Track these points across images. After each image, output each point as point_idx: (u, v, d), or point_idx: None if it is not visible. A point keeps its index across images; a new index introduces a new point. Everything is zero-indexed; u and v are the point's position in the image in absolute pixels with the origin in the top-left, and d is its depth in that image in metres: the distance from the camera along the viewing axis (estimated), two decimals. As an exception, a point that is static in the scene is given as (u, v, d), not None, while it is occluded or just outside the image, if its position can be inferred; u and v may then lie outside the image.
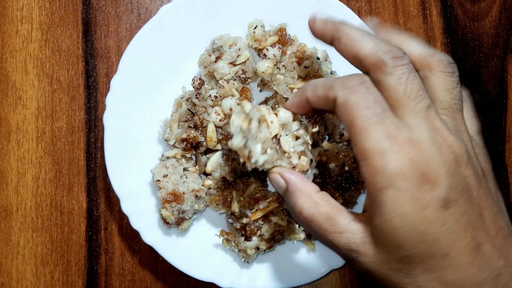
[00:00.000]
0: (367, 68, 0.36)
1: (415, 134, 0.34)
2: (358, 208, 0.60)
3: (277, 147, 0.40)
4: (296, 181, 0.39)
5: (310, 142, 0.42)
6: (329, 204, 0.38)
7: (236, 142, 0.40)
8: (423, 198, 0.33)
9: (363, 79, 0.35)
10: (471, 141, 0.37)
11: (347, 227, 0.37)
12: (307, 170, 0.41)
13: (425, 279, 0.34)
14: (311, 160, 0.42)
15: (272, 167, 0.40)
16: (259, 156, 0.40)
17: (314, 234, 0.39)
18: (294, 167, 0.40)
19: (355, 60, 0.37)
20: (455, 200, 0.33)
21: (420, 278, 0.34)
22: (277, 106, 0.58)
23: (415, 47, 0.38)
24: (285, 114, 0.41)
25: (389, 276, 0.35)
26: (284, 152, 0.41)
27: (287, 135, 0.41)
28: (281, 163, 0.40)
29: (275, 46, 0.58)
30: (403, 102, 0.35)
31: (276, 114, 0.41)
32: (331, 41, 0.39)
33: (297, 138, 0.41)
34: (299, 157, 0.41)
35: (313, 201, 0.38)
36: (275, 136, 0.41)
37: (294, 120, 0.42)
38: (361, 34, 0.37)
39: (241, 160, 0.41)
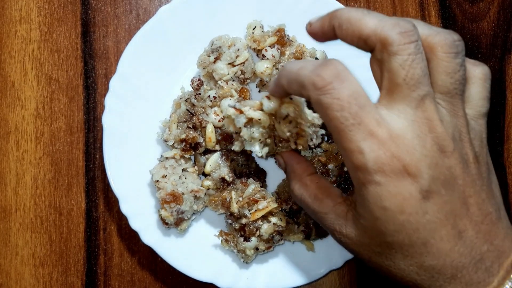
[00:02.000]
0: (372, 47, 0.35)
1: (398, 126, 0.34)
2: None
3: (274, 134, 0.42)
4: (291, 163, 0.42)
5: (304, 122, 0.40)
6: (318, 186, 0.40)
7: (237, 148, 0.45)
8: (404, 191, 0.33)
9: (336, 70, 0.33)
10: (467, 126, 0.36)
11: (333, 208, 0.39)
12: (307, 148, 0.42)
13: (405, 263, 0.35)
14: (312, 137, 0.41)
15: (277, 149, 0.43)
16: (260, 152, 0.43)
17: (306, 211, 0.42)
18: (296, 144, 0.42)
19: (360, 42, 0.35)
20: (437, 191, 0.34)
21: (400, 262, 0.35)
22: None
23: (419, 28, 0.36)
24: (268, 104, 0.40)
25: (371, 257, 0.37)
26: (282, 139, 0.41)
27: (279, 122, 0.40)
28: (283, 146, 0.43)
29: (274, 47, 0.58)
30: (400, 88, 0.34)
31: (261, 109, 0.40)
32: (334, 34, 0.37)
33: (290, 121, 0.40)
34: (296, 139, 0.41)
35: (302, 182, 0.41)
36: (269, 125, 0.41)
37: (281, 105, 0.40)
38: (361, 13, 0.35)
39: (248, 152, 0.45)
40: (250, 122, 0.41)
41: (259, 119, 0.40)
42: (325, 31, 0.38)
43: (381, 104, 0.35)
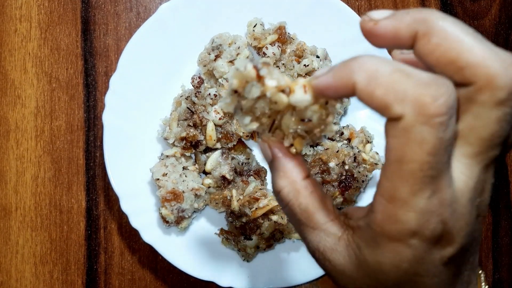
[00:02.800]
0: (468, 81, 0.26)
1: (459, 187, 0.28)
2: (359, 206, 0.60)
3: (275, 119, 0.32)
4: (282, 160, 0.33)
5: (319, 135, 0.32)
6: (311, 196, 0.32)
7: (225, 108, 0.32)
8: (429, 256, 0.29)
9: (451, 103, 0.24)
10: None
11: (323, 226, 0.32)
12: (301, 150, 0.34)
13: None
14: (313, 141, 0.33)
15: (268, 134, 0.33)
16: (246, 126, 0.32)
17: (287, 217, 0.35)
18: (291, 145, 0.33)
19: (451, 68, 0.26)
20: (458, 258, 0.30)
21: None
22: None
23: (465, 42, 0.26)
24: (301, 100, 0.29)
25: None
26: (279, 128, 0.32)
27: (291, 114, 0.31)
28: (277, 134, 0.32)
29: (274, 45, 0.58)
30: (481, 144, 0.27)
31: (288, 93, 0.30)
32: (410, 41, 0.27)
33: (304, 122, 0.31)
34: (295, 139, 0.32)
35: (294, 187, 0.32)
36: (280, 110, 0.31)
37: (312, 104, 0.30)
38: (461, 28, 0.26)
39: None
40: (262, 96, 0.30)
41: (276, 102, 0.30)
42: (399, 35, 0.28)
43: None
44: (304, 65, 0.56)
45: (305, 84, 0.29)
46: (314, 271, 0.59)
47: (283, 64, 0.58)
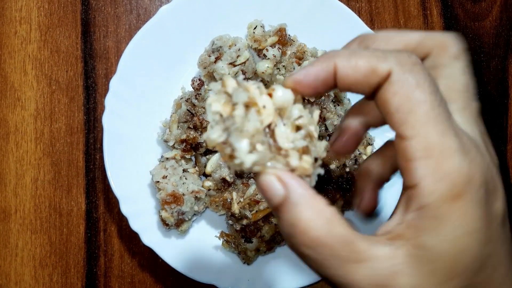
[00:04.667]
0: (424, 54, 0.31)
1: (473, 137, 0.29)
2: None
3: (271, 141, 0.29)
4: (300, 189, 0.27)
5: (316, 134, 0.30)
6: (345, 223, 0.27)
7: (213, 136, 0.28)
8: (491, 212, 0.27)
9: (416, 59, 0.28)
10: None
11: (371, 252, 0.26)
12: (310, 175, 0.29)
13: None
14: (316, 159, 0.30)
15: (263, 169, 0.29)
16: (245, 156, 0.28)
17: (318, 266, 0.27)
18: (292, 170, 0.29)
19: (407, 48, 0.31)
20: (507, 215, 0.29)
21: None
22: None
23: (408, 35, 0.32)
24: (284, 94, 0.29)
25: None
26: (280, 149, 0.29)
27: (284, 124, 0.29)
28: (275, 165, 0.29)
29: (275, 47, 0.57)
30: (462, 96, 0.30)
31: (270, 95, 0.29)
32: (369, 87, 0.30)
33: (298, 128, 0.29)
34: (300, 156, 0.29)
35: (325, 218, 0.26)
36: (269, 125, 0.29)
37: (295, 102, 0.30)
38: (397, 31, 0.32)
39: (222, 159, 0.30)
40: (248, 107, 0.29)
41: (264, 106, 0.28)
42: (337, 70, 0.29)
43: None
44: (305, 67, 0.56)
45: (282, 83, 0.31)
46: (314, 274, 0.58)
47: (284, 66, 0.58)
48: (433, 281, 0.26)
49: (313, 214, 0.27)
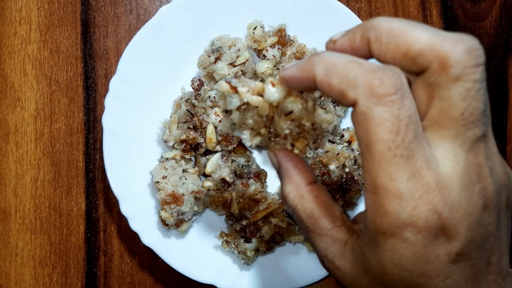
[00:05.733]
0: (423, 67, 0.27)
1: (447, 172, 0.27)
2: (360, 209, 0.59)
3: (271, 125, 0.34)
4: (287, 166, 0.33)
5: (309, 123, 0.33)
6: (316, 200, 0.33)
7: (224, 129, 0.35)
8: (432, 253, 0.28)
9: (399, 84, 0.26)
10: (500, 165, 0.30)
11: (329, 232, 0.32)
12: (305, 153, 0.35)
13: None
14: (314, 141, 0.34)
15: (268, 145, 0.35)
16: (249, 141, 0.34)
17: (297, 224, 0.35)
18: (293, 146, 0.34)
19: (406, 60, 0.28)
20: (468, 255, 0.28)
21: None
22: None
23: (418, 31, 0.28)
24: (272, 94, 0.32)
25: None
26: (278, 134, 0.34)
27: (279, 116, 0.33)
28: (276, 143, 0.34)
29: (274, 47, 0.57)
30: (455, 124, 0.27)
31: (261, 94, 0.33)
32: (368, 50, 0.29)
33: (292, 119, 0.33)
34: (295, 140, 0.34)
35: (299, 193, 0.33)
36: (267, 114, 0.33)
37: (287, 97, 0.32)
38: (406, 23, 0.28)
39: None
40: (245, 105, 0.33)
41: (257, 106, 0.32)
42: (355, 46, 0.30)
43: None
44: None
45: (271, 81, 0.32)
46: (314, 274, 0.59)
47: (283, 66, 0.58)
48: (364, 278, 0.31)
49: (291, 189, 0.33)
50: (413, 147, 0.26)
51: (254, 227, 0.56)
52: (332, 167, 0.57)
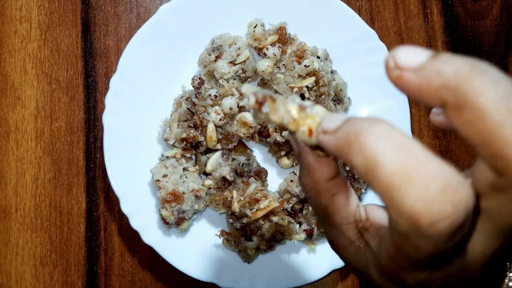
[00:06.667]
0: (499, 171, 0.22)
1: (474, 258, 0.26)
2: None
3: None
4: (307, 158, 0.30)
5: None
6: (332, 199, 0.31)
7: (250, 120, 0.36)
8: None
9: (454, 224, 0.21)
10: None
11: (339, 227, 0.32)
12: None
13: None
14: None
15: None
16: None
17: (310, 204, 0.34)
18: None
19: (483, 148, 0.22)
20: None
21: None
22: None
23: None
24: (305, 139, 0.28)
25: None
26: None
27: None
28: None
29: (275, 45, 0.57)
30: (506, 230, 0.25)
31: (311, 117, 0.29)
32: (439, 105, 0.23)
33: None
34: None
35: (315, 187, 0.30)
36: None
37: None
38: (503, 111, 0.21)
39: None
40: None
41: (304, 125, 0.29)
42: (425, 97, 0.23)
43: None
44: (305, 65, 0.56)
45: (310, 128, 0.27)
46: (315, 272, 0.59)
47: (284, 65, 0.58)
48: (368, 271, 0.30)
49: (308, 181, 0.31)
50: (445, 261, 0.25)
51: (254, 226, 0.56)
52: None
